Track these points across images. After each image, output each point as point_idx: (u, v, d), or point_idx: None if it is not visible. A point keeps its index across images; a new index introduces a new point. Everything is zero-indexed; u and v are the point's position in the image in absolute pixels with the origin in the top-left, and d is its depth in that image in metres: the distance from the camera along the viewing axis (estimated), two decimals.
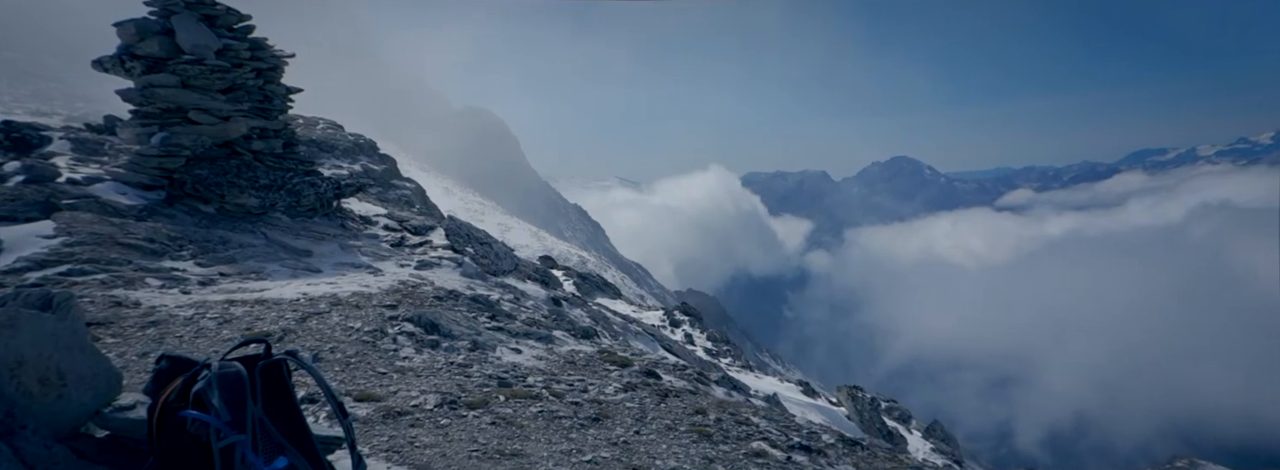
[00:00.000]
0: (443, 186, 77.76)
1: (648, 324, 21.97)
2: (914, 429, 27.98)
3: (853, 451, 7.23)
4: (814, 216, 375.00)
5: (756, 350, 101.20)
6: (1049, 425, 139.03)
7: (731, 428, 6.63)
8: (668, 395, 7.46)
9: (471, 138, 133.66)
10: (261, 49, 12.63)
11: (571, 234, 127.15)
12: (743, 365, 23.75)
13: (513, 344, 8.42)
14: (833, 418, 20.66)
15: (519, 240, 67.04)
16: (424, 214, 20.66)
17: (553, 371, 7.58)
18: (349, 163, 23.45)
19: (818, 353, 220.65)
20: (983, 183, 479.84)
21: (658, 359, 11.18)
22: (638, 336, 17.20)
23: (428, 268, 11.71)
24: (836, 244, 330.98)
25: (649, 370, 8.60)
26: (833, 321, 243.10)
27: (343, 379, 5.98)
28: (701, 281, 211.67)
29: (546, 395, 6.48)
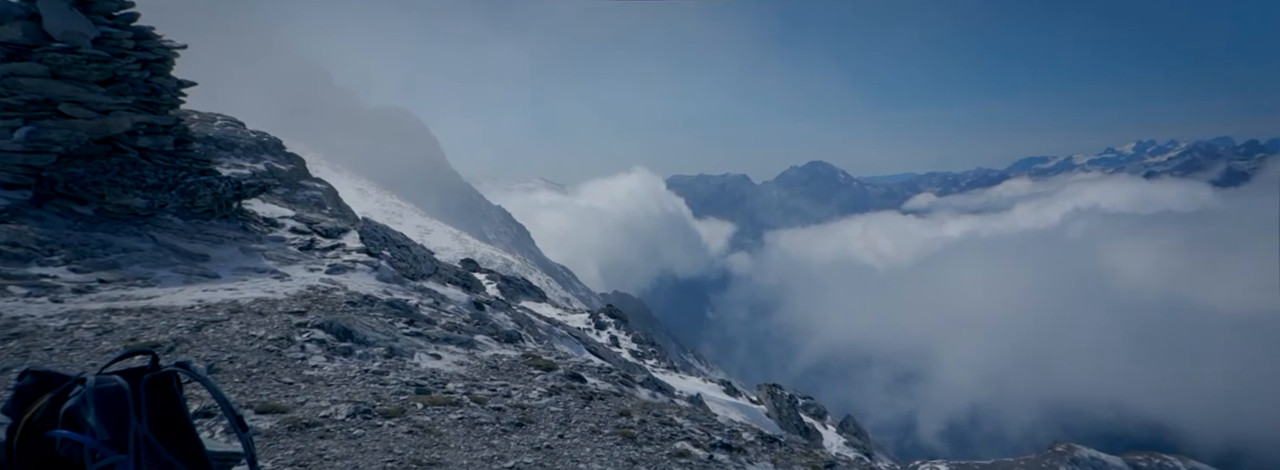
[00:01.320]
0: (357, 188, 74.23)
1: (573, 327, 21.82)
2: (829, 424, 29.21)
3: (771, 448, 7.48)
4: (736, 219, 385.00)
5: (681, 351, 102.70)
6: (948, 418, 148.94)
7: (655, 429, 6.70)
8: (592, 398, 7.45)
9: (388, 138, 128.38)
10: (148, 39, 11.59)
11: (495, 236, 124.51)
12: (668, 366, 24.02)
13: (432, 350, 8.14)
14: (753, 416, 21.26)
15: (439, 243, 64.98)
16: (336, 216, 19.64)
17: (474, 377, 7.39)
18: (251, 162, 21.92)
19: (739, 352, 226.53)
20: (891, 187, 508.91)
21: (583, 362, 11.13)
22: (563, 340, 17.06)
23: (340, 272, 11.14)
24: (757, 246, 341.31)
25: (574, 374, 8.54)
26: (753, 321, 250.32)
27: (243, 391, 5.58)
28: (627, 283, 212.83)
29: (467, 402, 6.32)
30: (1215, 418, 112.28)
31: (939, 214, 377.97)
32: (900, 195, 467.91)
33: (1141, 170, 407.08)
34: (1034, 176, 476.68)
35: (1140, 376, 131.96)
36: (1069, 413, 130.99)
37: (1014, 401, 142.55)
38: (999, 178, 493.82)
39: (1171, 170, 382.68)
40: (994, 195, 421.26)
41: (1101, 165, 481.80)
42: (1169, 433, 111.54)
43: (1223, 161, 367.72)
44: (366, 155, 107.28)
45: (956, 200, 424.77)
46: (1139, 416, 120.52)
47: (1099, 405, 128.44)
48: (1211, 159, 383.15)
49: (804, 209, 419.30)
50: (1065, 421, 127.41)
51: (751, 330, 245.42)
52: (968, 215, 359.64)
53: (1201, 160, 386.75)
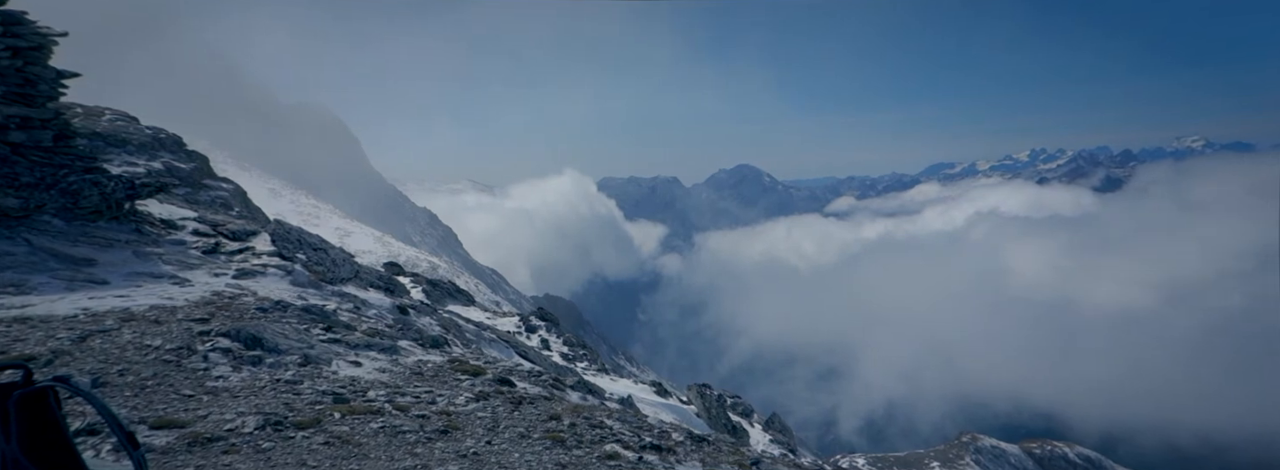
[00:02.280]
0: (269, 188, 69.92)
1: (502, 330, 21.41)
2: (755, 422, 29.95)
3: (700, 447, 7.61)
4: (667, 221, 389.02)
5: (612, 353, 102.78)
6: (866, 413, 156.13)
7: (585, 432, 6.67)
8: (522, 402, 7.34)
9: (304, 136, 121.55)
10: (20, 24, 10.47)
11: (420, 239, 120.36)
12: (599, 368, 23.96)
13: (352, 356, 7.78)
14: (683, 416, 21.53)
15: (361, 246, 62.18)
16: (245, 218, 18.43)
17: (397, 384, 7.12)
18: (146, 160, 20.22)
19: (670, 353, 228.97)
20: (814, 190, 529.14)
21: (512, 366, 10.94)
22: (492, 344, 16.70)
23: (249, 277, 10.46)
24: (687, 248, 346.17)
25: (502, 378, 8.39)
26: (683, 322, 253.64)
27: (137, 405, 5.14)
28: (558, 286, 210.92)
29: (389, 409, 6.08)
30: (1097, 406, 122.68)
31: (858, 217, 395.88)
32: (822, 198, 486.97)
33: (1035, 176, 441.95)
34: (943, 181, 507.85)
35: (1034, 370, 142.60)
36: (974, 405, 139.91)
37: (925, 396, 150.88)
38: (912, 182, 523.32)
39: (1060, 176, 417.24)
40: (907, 199, 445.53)
41: (1001, 171, 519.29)
42: (1059, 421, 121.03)
43: (1103, 169, 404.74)
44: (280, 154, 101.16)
45: (874, 204, 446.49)
46: (1033, 407, 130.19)
47: (999, 397, 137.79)
48: (1093, 166, 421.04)
49: (733, 211, 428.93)
50: (970, 413, 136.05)
51: (682, 331, 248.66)
52: (883, 218, 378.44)
53: (1085, 167, 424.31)
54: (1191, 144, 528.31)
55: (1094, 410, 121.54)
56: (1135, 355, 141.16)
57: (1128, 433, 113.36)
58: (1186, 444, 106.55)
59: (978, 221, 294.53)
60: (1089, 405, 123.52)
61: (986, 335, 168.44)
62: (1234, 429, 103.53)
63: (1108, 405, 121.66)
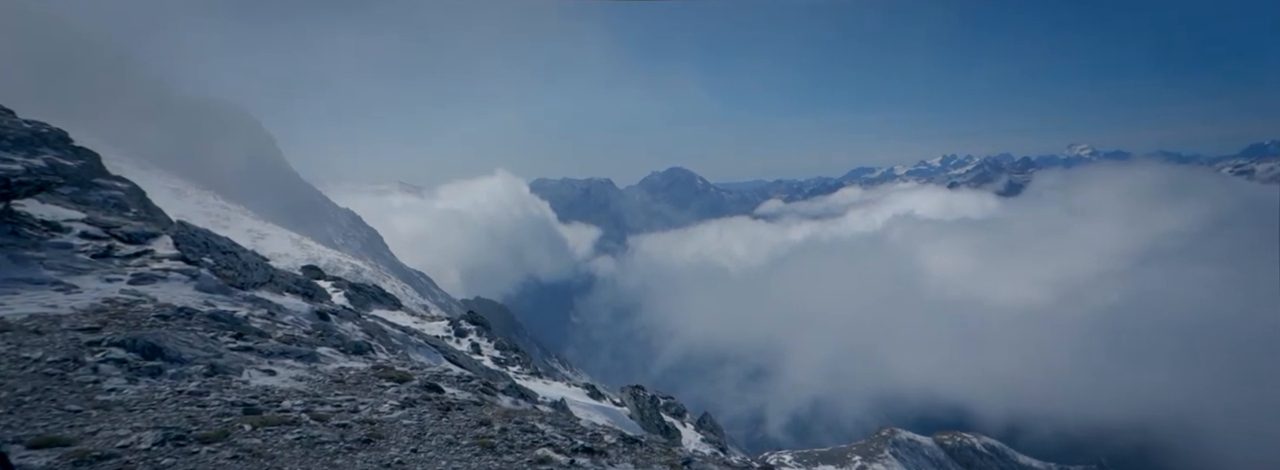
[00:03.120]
0: (171, 188, 64.98)
1: (431, 335, 20.76)
2: (688, 422, 30.32)
3: (632, 449, 7.63)
4: (601, 223, 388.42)
5: (545, 356, 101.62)
6: (793, 410, 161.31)
7: (517, 436, 6.56)
8: (450, 408, 7.13)
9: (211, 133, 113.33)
10: None
11: (343, 242, 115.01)
12: (531, 372, 23.63)
13: (265, 365, 7.33)
14: (616, 418, 21.53)
15: (277, 248, 58.80)
16: (143, 219, 17.05)
17: (316, 392, 6.76)
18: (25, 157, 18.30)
19: (603, 355, 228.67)
20: (744, 193, 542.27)
21: (440, 371, 10.62)
22: (419, 349, 16.16)
23: (147, 282, 9.68)
24: (621, 250, 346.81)
25: (430, 384, 8.13)
26: (617, 324, 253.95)
27: (11, 423, 4.65)
28: (490, 289, 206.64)
29: (306, 420, 5.76)
30: (1001, 398, 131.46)
31: (785, 219, 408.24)
32: (752, 201, 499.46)
33: (947, 181, 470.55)
34: (864, 185, 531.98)
35: (945, 365, 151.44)
36: (892, 399, 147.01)
37: (848, 392, 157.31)
38: (836, 186, 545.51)
39: (969, 181, 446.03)
40: (831, 202, 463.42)
41: (917, 176, 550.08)
42: (967, 413, 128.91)
43: (1006, 174, 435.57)
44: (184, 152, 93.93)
45: (801, 206, 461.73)
46: (944, 400, 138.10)
47: (914, 391, 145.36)
48: (998, 172, 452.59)
49: (666, 213, 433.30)
50: (889, 408, 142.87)
51: (615, 333, 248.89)
52: (810, 220, 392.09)
53: (990, 173, 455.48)
54: (1080, 152, 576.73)
55: (998, 402, 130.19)
56: (1033, 349, 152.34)
57: (1027, 422, 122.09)
58: (1076, 432, 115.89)
59: (895, 224, 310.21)
60: (993, 397, 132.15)
61: (904, 332, 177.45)
62: (1116, 416, 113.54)
63: (1009, 397, 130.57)
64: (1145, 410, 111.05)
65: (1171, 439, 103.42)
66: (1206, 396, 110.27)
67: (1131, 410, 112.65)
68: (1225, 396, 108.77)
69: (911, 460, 59.94)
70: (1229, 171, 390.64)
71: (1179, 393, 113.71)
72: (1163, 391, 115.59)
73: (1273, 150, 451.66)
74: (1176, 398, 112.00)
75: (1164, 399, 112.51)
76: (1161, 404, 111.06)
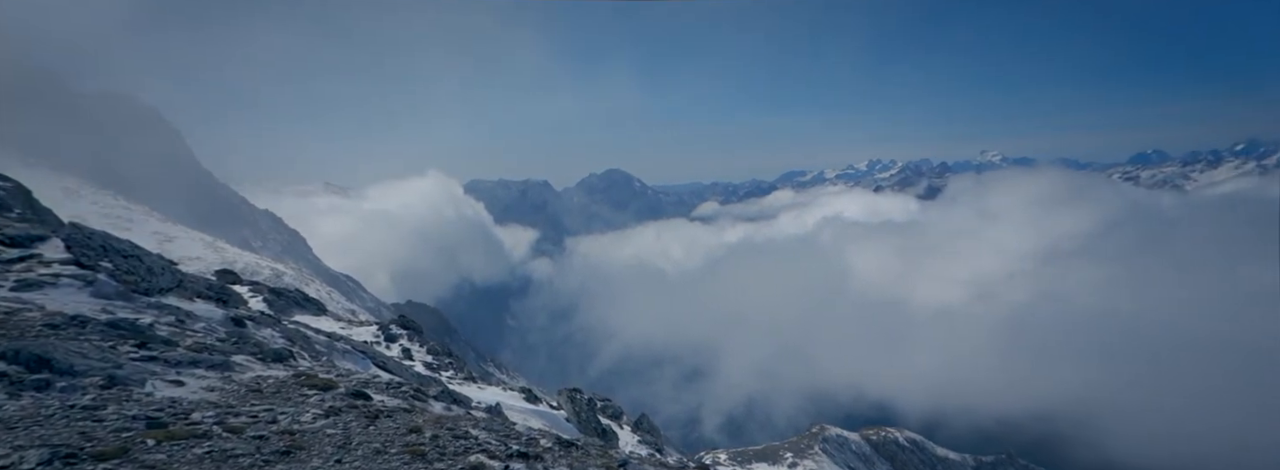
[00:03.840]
0: (63, 187, 59.74)
1: (358, 341, 19.93)
2: (625, 424, 30.36)
3: (568, 453, 7.57)
4: (538, 225, 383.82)
5: (480, 360, 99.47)
6: (728, 410, 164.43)
7: (448, 443, 6.39)
8: (378, 416, 6.87)
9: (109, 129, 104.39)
10: None
11: (262, 244, 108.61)
12: (465, 377, 23.07)
13: (172, 375, 6.83)
14: (553, 421, 21.32)
15: (187, 252, 54.99)
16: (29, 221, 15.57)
17: (230, 403, 6.36)
18: None
19: (540, 358, 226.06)
20: (681, 195, 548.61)
21: (368, 378, 10.21)
22: (345, 355, 15.48)
23: (35, 288, 8.85)
24: (559, 252, 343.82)
25: (357, 391, 7.80)
26: (554, 327, 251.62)
27: None
28: (422, 292, 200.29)
29: (219, 432, 5.41)
30: (921, 393, 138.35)
31: (721, 221, 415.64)
32: (689, 203, 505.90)
33: (872, 184, 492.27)
34: (796, 188, 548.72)
35: (871, 362, 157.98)
36: (822, 397, 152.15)
37: (781, 390, 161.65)
38: (769, 188, 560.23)
39: (892, 185, 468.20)
40: (765, 204, 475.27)
41: (845, 179, 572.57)
42: (891, 409, 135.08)
43: (926, 179, 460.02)
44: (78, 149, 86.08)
45: (736, 208, 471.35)
46: (870, 397, 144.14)
47: (843, 389, 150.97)
48: (919, 176, 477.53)
49: (604, 215, 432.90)
50: (819, 405, 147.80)
51: (552, 336, 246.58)
52: (744, 222, 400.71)
53: (912, 177, 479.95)
54: (991, 158, 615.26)
55: (919, 397, 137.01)
56: (949, 347, 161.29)
57: (945, 416, 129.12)
58: (987, 424, 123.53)
59: (825, 226, 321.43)
60: (915, 393, 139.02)
61: (832, 332, 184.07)
62: (1023, 408, 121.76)
63: (929, 392, 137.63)
64: (1047, 402, 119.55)
65: (1070, 429, 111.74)
66: (1099, 387, 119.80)
67: (1036, 402, 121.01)
68: (1115, 386, 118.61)
69: (840, 455, 62.26)
70: (1118, 177, 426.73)
71: (1076, 384, 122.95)
72: (1062, 383, 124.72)
73: (1155, 158, 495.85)
74: (1073, 389, 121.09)
75: (1063, 390, 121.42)
76: (1061, 395, 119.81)
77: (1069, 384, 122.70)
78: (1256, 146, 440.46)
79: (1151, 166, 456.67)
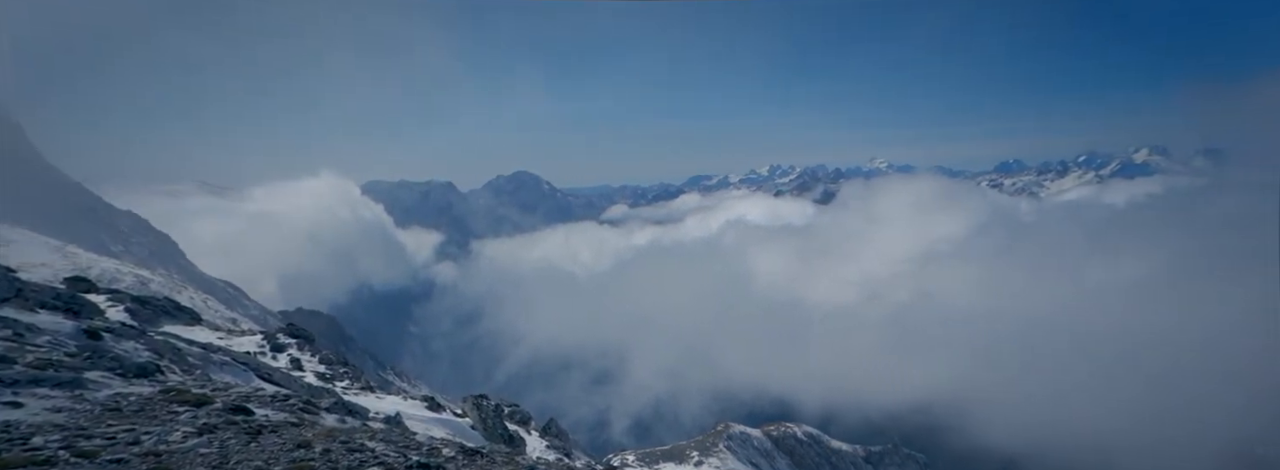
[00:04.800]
0: None
1: (240, 352, 18.41)
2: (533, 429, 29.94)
3: (473, 461, 7.39)
4: (442, 228, 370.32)
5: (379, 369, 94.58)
6: (636, 411, 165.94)
7: (341, 457, 6.05)
8: (261, 432, 6.38)
9: None
10: None
11: (123, 249, 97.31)
12: (362, 387, 21.88)
13: (7, 396, 6.01)
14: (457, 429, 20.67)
15: (27, 257, 48.43)
16: None
17: (81, 425, 5.68)
18: None
19: (443, 365, 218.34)
20: (590, 198, 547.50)
21: (250, 392, 9.45)
22: (224, 368, 14.23)
23: None
24: (464, 256, 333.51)
25: (237, 406, 7.20)
26: (459, 332, 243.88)
27: None
28: (315, 298, 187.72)
29: (66, 458, 4.81)
30: (817, 390, 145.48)
31: (630, 224, 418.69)
32: (599, 206, 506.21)
33: (773, 189, 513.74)
34: (702, 192, 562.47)
35: (771, 361, 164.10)
36: (726, 396, 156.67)
37: (687, 391, 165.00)
38: (676, 192, 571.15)
39: (791, 189, 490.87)
40: (673, 207, 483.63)
41: (748, 184, 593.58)
42: (790, 405, 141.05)
43: (822, 184, 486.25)
44: None
45: (645, 212, 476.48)
46: (771, 394, 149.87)
47: (746, 387, 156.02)
48: (815, 181, 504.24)
49: (512, 218, 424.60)
50: (724, 404, 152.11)
51: (457, 341, 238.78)
52: (652, 225, 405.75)
53: (809, 182, 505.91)
54: (878, 165, 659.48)
55: (815, 393, 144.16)
56: (842, 344, 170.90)
57: (838, 410, 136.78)
58: (875, 416, 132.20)
59: (728, 229, 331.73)
60: (811, 389, 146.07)
61: (736, 332, 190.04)
62: (906, 400, 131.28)
63: (824, 388, 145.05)
64: (927, 393, 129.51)
65: (946, 417, 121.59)
66: (969, 378, 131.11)
67: (917, 394, 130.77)
68: (983, 377, 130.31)
69: (743, 452, 64.49)
70: (985, 184, 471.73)
71: (951, 376, 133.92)
72: (939, 376, 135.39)
73: (1015, 167, 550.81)
74: (948, 381, 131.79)
75: (940, 382, 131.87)
76: (938, 387, 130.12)
77: (944, 376, 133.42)
78: (1095, 158, 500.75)
79: (1013, 175, 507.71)
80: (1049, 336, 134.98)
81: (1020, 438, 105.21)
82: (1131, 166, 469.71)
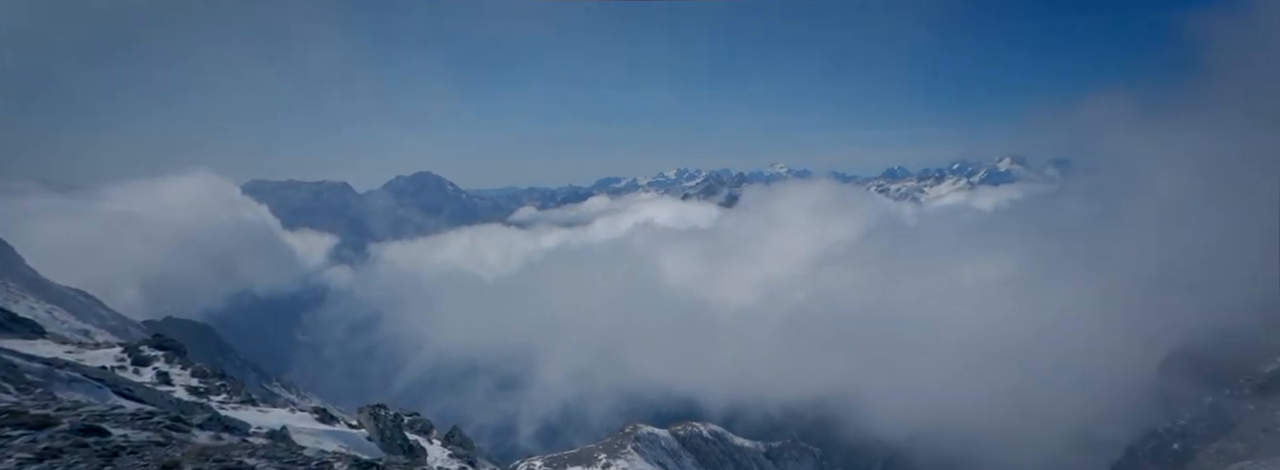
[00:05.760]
0: None
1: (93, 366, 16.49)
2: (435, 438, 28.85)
3: None
4: (337, 230, 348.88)
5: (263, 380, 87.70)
6: (543, 416, 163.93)
7: None
8: (118, 454, 5.75)
9: None
10: None
11: None
12: (243, 400, 20.21)
13: None
14: (352, 442, 19.58)
15: None
16: None
17: None
18: None
19: (337, 374, 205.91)
20: (497, 200, 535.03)
21: (104, 410, 8.50)
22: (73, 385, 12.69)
23: None
24: (361, 259, 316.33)
25: (87, 426, 6.45)
26: (354, 339, 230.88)
27: None
28: (188, 307, 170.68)
29: None
30: (721, 389, 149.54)
31: (538, 226, 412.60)
32: (506, 208, 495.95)
33: (681, 192, 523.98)
34: (611, 194, 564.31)
35: (678, 361, 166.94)
36: (635, 398, 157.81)
37: (596, 393, 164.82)
38: (586, 194, 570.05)
39: (698, 193, 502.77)
40: (582, 210, 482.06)
41: (656, 187, 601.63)
42: (696, 404, 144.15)
43: (726, 188, 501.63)
44: None
45: (553, 214, 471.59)
46: (677, 394, 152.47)
47: (653, 388, 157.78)
48: (720, 185, 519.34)
49: (415, 220, 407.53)
50: (632, 406, 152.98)
51: (352, 349, 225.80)
52: (561, 228, 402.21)
53: (715, 186, 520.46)
54: (778, 169, 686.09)
55: (720, 392, 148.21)
56: (744, 343, 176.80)
57: (741, 408, 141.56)
58: (775, 413, 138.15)
59: (637, 232, 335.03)
60: (717, 388, 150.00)
61: (644, 333, 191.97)
62: (803, 396, 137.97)
63: (729, 387, 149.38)
64: (822, 389, 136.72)
65: (839, 411, 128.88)
66: (860, 374, 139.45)
67: (812, 390, 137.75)
68: (871, 372, 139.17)
69: (651, 452, 65.29)
70: (874, 190, 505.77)
71: (843, 372, 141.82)
72: (833, 372, 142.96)
73: (900, 173, 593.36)
74: (841, 376, 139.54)
75: (833, 378, 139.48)
76: (832, 383, 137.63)
77: (838, 372, 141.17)
78: (967, 166, 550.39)
79: (898, 180, 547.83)
80: (927, 333, 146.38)
81: (904, 428, 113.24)
82: (997, 174, 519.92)
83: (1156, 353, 77.04)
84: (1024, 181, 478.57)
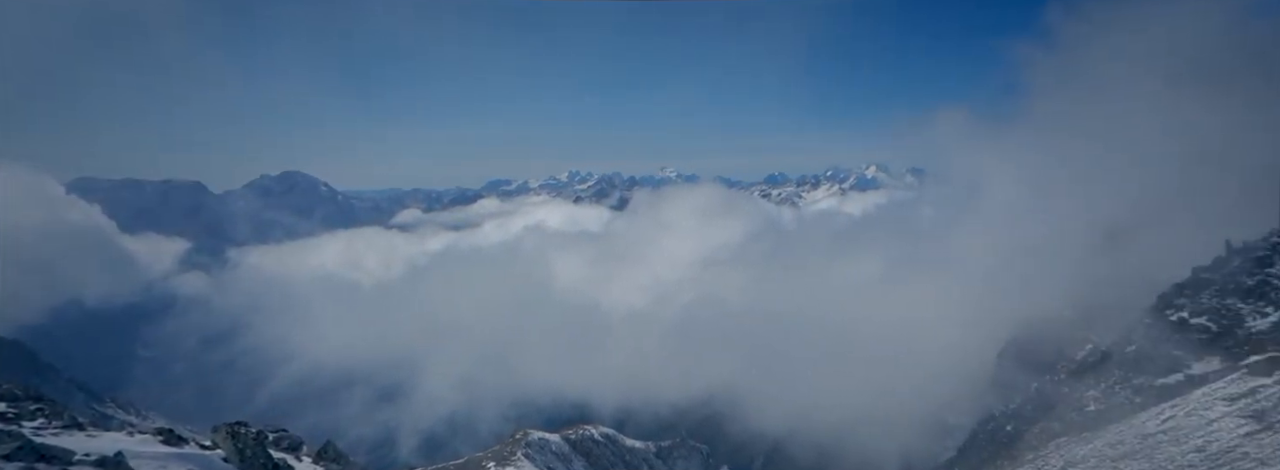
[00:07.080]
0: None
1: None
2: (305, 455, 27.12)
3: None
4: (188, 234, 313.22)
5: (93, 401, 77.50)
6: (428, 426, 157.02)
7: None
8: None
9: None
10: None
11: None
12: (65, 425, 17.92)
13: None
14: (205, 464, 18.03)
15: None
16: None
17: None
18: None
19: (189, 391, 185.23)
20: (377, 202, 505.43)
21: None
22: None
23: None
24: (218, 265, 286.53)
25: None
26: (209, 353, 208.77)
27: None
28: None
29: None
30: (612, 391, 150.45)
31: (423, 229, 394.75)
32: (387, 210, 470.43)
33: (572, 195, 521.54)
34: (501, 197, 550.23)
35: (569, 365, 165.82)
36: (525, 403, 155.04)
37: (484, 400, 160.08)
38: (475, 196, 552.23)
39: (590, 196, 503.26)
40: (470, 212, 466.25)
41: (547, 189, 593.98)
42: (588, 408, 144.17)
43: (618, 191, 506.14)
44: None
45: (440, 216, 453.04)
46: (568, 398, 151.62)
47: (544, 393, 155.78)
48: (612, 188, 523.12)
49: (283, 222, 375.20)
50: (523, 411, 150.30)
51: (206, 363, 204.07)
52: (448, 231, 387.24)
53: (607, 189, 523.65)
54: (668, 173, 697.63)
55: (610, 395, 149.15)
56: (635, 345, 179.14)
57: (632, 410, 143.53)
58: (665, 413, 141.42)
59: (527, 235, 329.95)
60: (608, 391, 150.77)
61: (535, 338, 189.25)
62: (692, 395, 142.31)
63: (619, 389, 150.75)
64: (708, 388, 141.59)
65: (725, 408, 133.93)
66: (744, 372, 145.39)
67: (700, 389, 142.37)
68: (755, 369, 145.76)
69: (541, 458, 64.60)
70: (757, 194, 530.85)
71: (729, 371, 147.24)
72: (719, 371, 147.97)
73: (780, 179, 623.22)
74: (727, 375, 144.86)
75: (719, 377, 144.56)
76: (718, 381, 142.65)
77: (723, 371, 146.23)
78: (839, 172, 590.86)
79: (778, 186, 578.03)
80: (804, 331, 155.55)
81: (783, 423, 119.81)
82: (864, 180, 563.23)
83: (995, 344, 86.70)
84: (887, 188, 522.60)
